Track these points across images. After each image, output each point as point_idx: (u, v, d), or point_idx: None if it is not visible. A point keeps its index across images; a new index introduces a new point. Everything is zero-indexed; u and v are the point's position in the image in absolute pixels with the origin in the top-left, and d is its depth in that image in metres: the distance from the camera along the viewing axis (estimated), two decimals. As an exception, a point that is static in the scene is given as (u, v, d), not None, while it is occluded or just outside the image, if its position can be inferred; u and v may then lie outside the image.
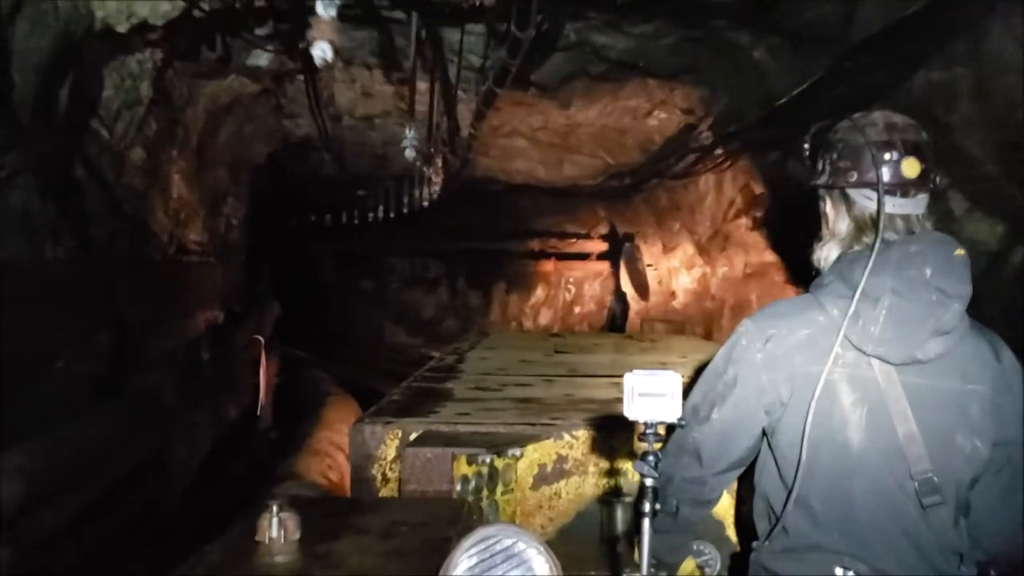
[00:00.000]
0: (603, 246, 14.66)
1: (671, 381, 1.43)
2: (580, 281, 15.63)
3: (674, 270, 11.40)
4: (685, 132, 7.54)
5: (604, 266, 14.73)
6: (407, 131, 3.97)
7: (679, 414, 1.45)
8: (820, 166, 1.81)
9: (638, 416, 1.45)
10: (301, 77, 5.82)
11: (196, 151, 6.00)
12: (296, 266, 14.87)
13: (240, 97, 6.24)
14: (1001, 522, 1.75)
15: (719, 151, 7.19)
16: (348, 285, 16.51)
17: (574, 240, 15.18)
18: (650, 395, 1.44)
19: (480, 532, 1.42)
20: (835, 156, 1.76)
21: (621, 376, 3.63)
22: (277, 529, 1.70)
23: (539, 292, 16.12)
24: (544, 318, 15.98)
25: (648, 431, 1.46)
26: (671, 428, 1.84)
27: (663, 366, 4.17)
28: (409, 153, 3.99)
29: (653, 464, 1.44)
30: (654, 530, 1.88)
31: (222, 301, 7.13)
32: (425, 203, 7.63)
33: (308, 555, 1.72)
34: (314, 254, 16.24)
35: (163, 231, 5.43)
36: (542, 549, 1.41)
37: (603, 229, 14.38)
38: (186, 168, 5.81)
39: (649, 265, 12.17)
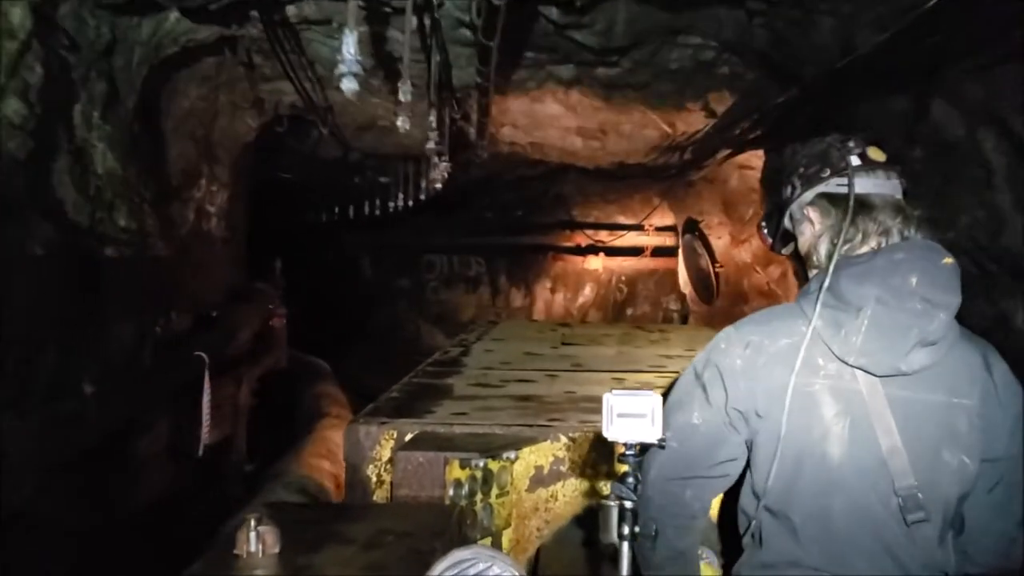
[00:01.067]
0: (658, 239, 13.22)
1: (651, 402, 1.39)
2: (633, 280, 14.30)
3: (745, 267, 9.28)
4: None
5: (661, 262, 13.49)
6: (400, 88, 3.12)
7: (659, 435, 1.41)
8: (789, 188, 1.83)
9: (617, 437, 1.41)
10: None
11: (136, 114, 4.58)
12: (324, 263, 14.54)
13: (195, 51, 4.91)
14: (994, 538, 1.71)
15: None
16: (382, 284, 15.71)
17: (624, 232, 13.85)
18: (629, 415, 1.39)
19: (454, 555, 1.39)
20: (802, 169, 1.80)
21: (625, 372, 3.59)
22: (255, 543, 1.68)
23: (587, 291, 14.73)
24: (593, 320, 14.43)
25: (628, 452, 1.41)
26: (644, 451, 1.80)
27: (668, 359, 4.17)
28: (401, 123, 3.31)
29: (632, 487, 1.40)
30: (644, 559, 1.85)
31: (180, 303, 5.68)
32: (437, 186, 6.73)
33: (287, 568, 1.69)
34: (341, 249, 15.71)
35: (78, 215, 4.03)
36: (517, 573, 1.38)
37: (659, 219, 12.98)
38: (117, 136, 4.35)
39: (718, 265, 10.07)
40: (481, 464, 2.41)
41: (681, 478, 1.77)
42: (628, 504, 1.41)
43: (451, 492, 2.36)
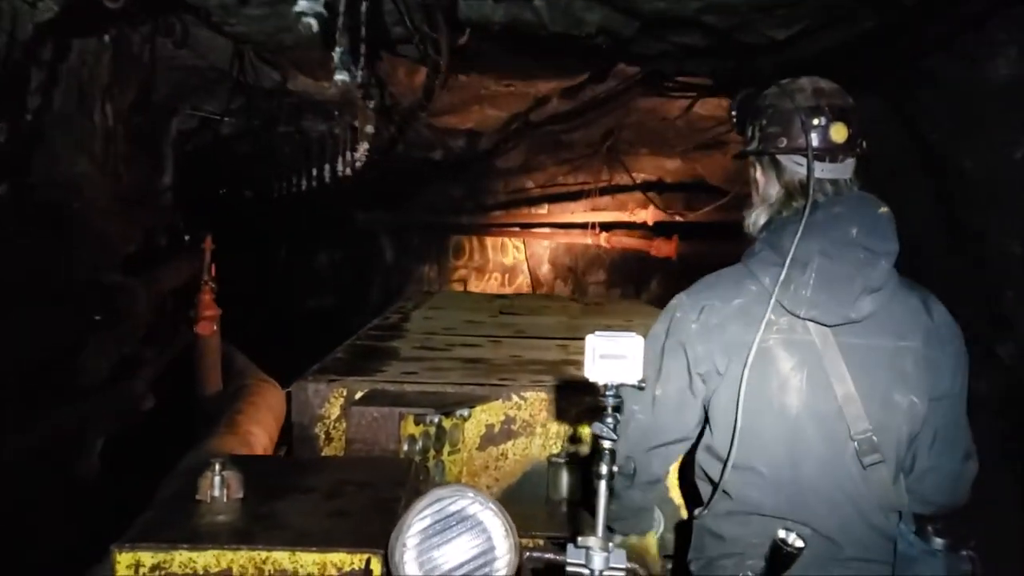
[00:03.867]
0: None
1: (633, 344, 1.41)
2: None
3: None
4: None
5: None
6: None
7: (640, 376, 1.43)
8: (750, 132, 1.83)
9: (599, 378, 1.43)
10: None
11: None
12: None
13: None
14: (940, 475, 1.79)
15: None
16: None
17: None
18: (611, 357, 1.41)
19: (434, 493, 1.39)
20: (764, 122, 1.78)
21: (568, 339, 3.63)
22: (220, 488, 1.65)
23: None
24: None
25: (608, 393, 1.44)
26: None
27: (608, 329, 4.22)
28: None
29: (612, 426, 1.42)
30: (618, 496, 1.89)
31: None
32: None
33: (251, 515, 1.66)
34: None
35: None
36: (498, 511, 1.39)
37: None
38: None
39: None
40: (436, 420, 2.40)
41: (650, 447, 1.83)
42: (607, 444, 1.43)
43: (405, 447, 2.35)
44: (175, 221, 7.80)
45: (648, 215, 10.07)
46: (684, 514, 2.58)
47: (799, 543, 1.46)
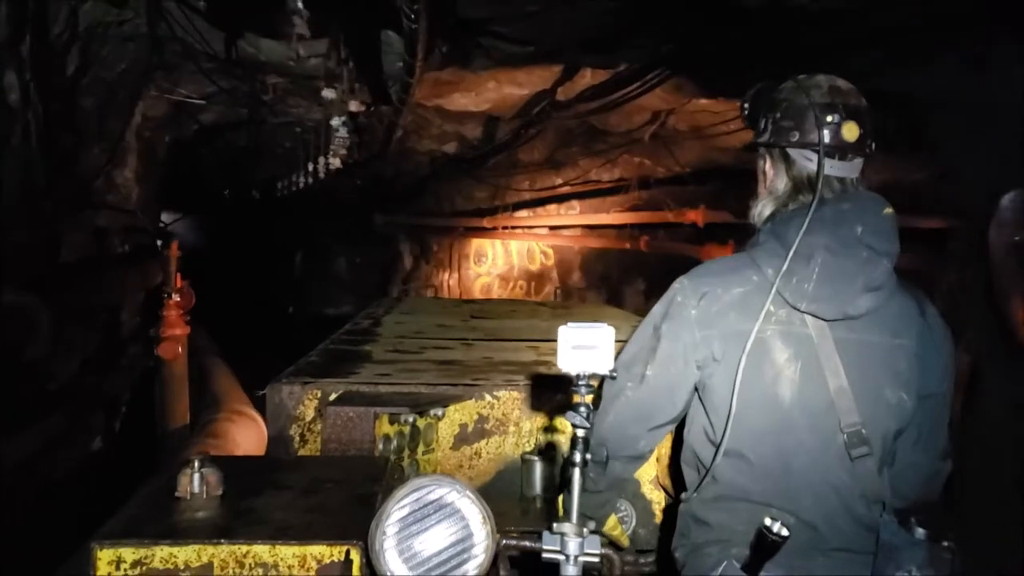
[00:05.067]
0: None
1: (604, 334, 1.46)
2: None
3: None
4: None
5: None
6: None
7: (611, 366, 1.47)
8: (763, 124, 1.85)
9: (571, 368, 1.47)
10: None
11: None
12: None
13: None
14: (920, 472, 1.85)
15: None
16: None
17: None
18: (583, 347, 1.46)
19: (413, 483, 1.42)
20: (778, 115, 1.81)
21: (538, 340, 3.67)
22: (199, 484, 1.66)
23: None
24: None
25: (580, 382, 1.48)
26: (601, 385, 1.88)
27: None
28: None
29: (585, 415, 1.46)
30: (583, 488, 1.94)
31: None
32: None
33: (231, 510, 1.68)
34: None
35: None
36: (475, 499, 1.43)
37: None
38: None
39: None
40: (410, 420, 2.43)
41: (639, 425, 1.86)
42: (581, 432, 1.47)
43: (380, 447, 2.38)
44: (139, 223, 6.83)
45: (698, 216, 8.37)
46: (657, 510, 2.64)
47: (784, 531, 1.48)
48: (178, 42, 5.28)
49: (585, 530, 1.45)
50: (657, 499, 2.63)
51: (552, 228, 11.14)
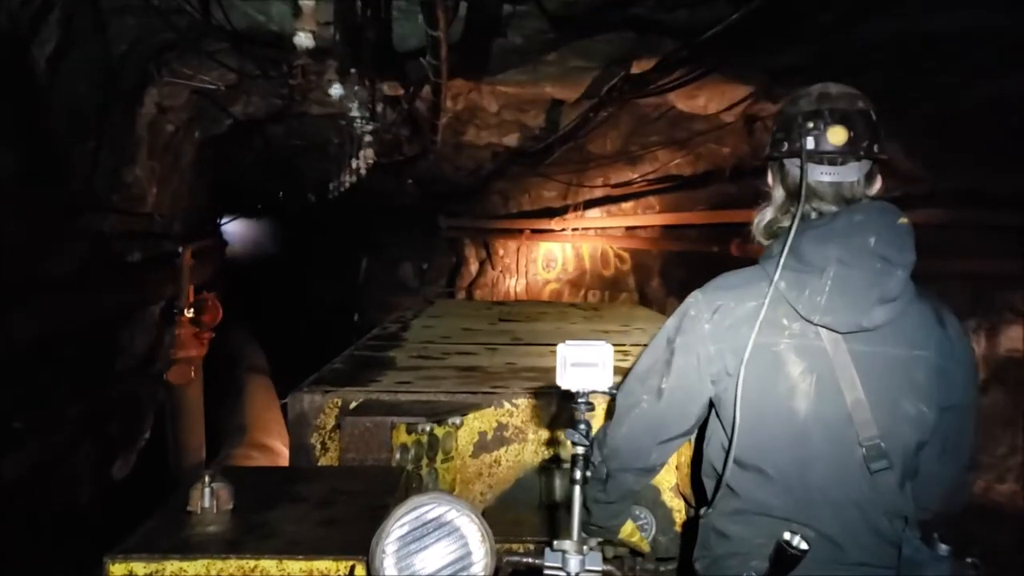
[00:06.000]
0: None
1: (603, 352, 1.45)
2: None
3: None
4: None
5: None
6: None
7: (610, 383, 1.47)
8: (768, 139, 1.86)
9: (571, 385, 1.47)
10: None
11: None
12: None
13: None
14: (944, 485, 1.82)
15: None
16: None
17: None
18: (582, 365, 1.45)
19: (412, 501, 1.43)
20: (775, 128, 1.82)
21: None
22: (209, 499, 1.70)
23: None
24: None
25: (580, 400, 1.48)
26: (614, 397, 1.88)
27: (605, 335, 4.27)
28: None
29: (584, 432, 1.46)
30: (593, 499, 1.94)
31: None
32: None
33: (242, 524, 1.71)
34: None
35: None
36: (474, 517, 1.43)
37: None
38: None
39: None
40: (427, 429, 2.45)
41: (651, 438, 1.85)
42: (580, 449, 1.47)
43: (397, 456, 2.40)
44: (156, 228, 5.73)
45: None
46: (677, 518, 2.62)
47: (803, 545, 1.47)
48: (188, 17, 4.48)
49: (586, 547, 1.44)
50: (677, 507, 2.62)
51: (628, 229, 9.86)
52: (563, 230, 10.53)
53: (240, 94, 6.34)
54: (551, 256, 11.21)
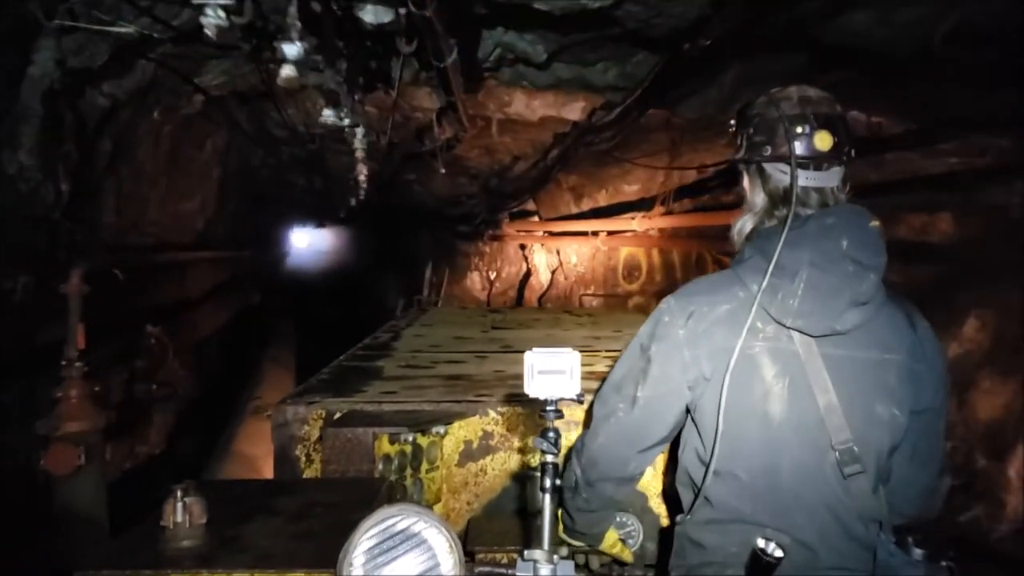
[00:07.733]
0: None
1: (570, 359, 1.44)
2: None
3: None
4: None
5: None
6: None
7: (578, 391, 1.46)
8: (739, 141, 1.84)
9: (538, 393, 1.46)
10: None
11: None
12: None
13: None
14: (917, 489, 1.81)
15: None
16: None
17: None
18: (549, 372, 1.44)
19: (380, 513, 1.42)
20: (751, 131, 1.79)
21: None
22: (182, 513, 1.68)
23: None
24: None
25: (548, 408, 1.47)
26: (589, 406, 1.86)
27: (597, 340, 4.25)
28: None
29: (553, 440, 1.45)
30: (576, 508, 1.92)
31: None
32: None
33: (215, 539, 1.70)
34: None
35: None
36: (443, 529, 1.42)
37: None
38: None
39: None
40: (410, 439, 2.43)
41: (629, 447, 1.83)
42: (549, 458, 1.45)
43: (380, 467, 2.39)
44: (79, 240, 4.47)
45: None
46: (665, 523, 2.60)
47: (778, 552, 1.46)
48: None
49: (556, 556, 1.43)
50: (665, 513, 2.60)
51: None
52: (647, 231, 8.61)
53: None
54: (634, 263, 9.42)
